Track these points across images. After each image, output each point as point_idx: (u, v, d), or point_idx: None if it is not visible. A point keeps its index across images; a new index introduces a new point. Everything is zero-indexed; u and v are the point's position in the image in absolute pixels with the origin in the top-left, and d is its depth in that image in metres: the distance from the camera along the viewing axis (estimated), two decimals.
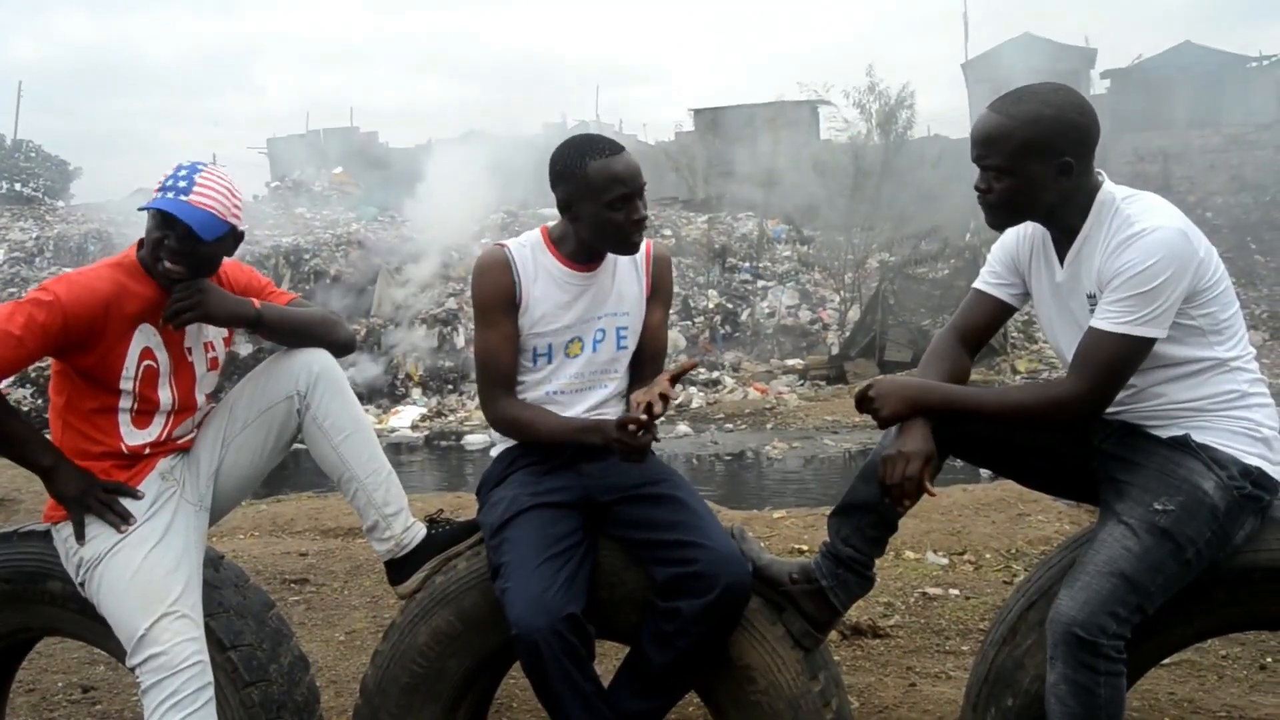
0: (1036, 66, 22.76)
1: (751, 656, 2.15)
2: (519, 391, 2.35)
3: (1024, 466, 2.23)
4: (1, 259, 20.38)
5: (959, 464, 2.56)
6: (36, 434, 2.22)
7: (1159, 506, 1.92)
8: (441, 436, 13.62)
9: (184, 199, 2.11)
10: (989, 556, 4.64)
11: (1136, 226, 1.93)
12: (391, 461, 2.41)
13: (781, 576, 2.18)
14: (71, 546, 2.19)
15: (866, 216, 19.06)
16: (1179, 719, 2.90)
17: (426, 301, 17.42)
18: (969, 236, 17.58)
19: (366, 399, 14.37)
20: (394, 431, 13.73)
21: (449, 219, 18.87)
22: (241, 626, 2.34)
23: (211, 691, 2.11)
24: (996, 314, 2.24)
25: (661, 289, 2.43)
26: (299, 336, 2.34)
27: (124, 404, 2.22)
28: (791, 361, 16.58)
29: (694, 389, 14.66)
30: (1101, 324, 1.95)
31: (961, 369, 2.20)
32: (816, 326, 18.29)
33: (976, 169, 2.05)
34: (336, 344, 2.38)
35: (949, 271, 17.58)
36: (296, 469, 8.34)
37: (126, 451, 2.24)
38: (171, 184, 2.13)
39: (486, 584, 2.17)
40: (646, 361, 2.42)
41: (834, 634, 3.28)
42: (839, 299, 18.63)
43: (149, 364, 2.22)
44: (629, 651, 2.23)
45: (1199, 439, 1.98)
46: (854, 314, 17.65)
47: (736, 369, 16.38)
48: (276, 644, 2.42)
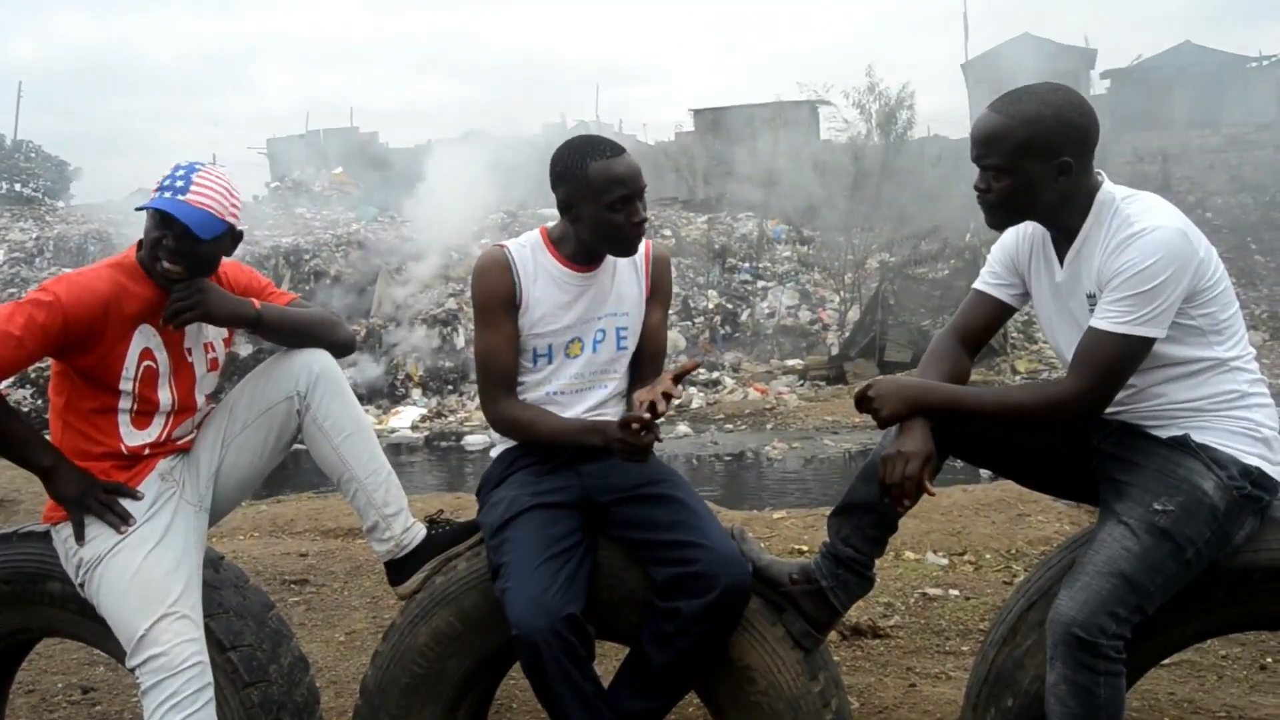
0: (1036, 67, 22.79)
1: (751, 657, 2.15)
2: (519, 392, 2.36)
3: (1024, 467, 2.23)
4: (1, 259, 20.38)
5: (959, 464, 2.55)
6: (36, 434, 2.22)
7: (1159, 507, 1.92)
8: (441, 437, 13.62)
9: (181, 198, 2.11)
10: (989, 557, 4.64)
11: (1136, 226, 1.93)
12: (391, 462, 2.41)
13: (781, 577, 2.18)
14: (71, 547, 2.19)
15: (866, 217, 19.06)
16: (1179, 719, 2.90)
17: (427, 302, 17.42)
18: (969, 237, 17.57)
19: (366, 399, 14.37)
20: (394, 432, 13.73)
21: (449, 219, 18.86)
22: (241, 627, 2.35)
23: (211, 692, 2.11)
24: (996, 314, 2.25)
25: (661, 289, 2.43)
26: (299, 337, 2.34)
27: (124, 404, 2.22)
28: (791, 362, 16.57)
29: (694, 389, 14.66)
30: (1101, 324, 1.95)
31: (961, 369, 2.20)
32: (816, 327, 18.28)
33: (976, 169, 2.05)
34: (336, 344, 2.38)
35: (949, 272, 17.57)
36: (296, 469, 8.34)
37: (126, 452, 2.24)
38: (169, 184, 2.13)
39: (486, 584, 2.17)
40: (646, 362, 2.43)
41: (834, 634, 3.29)
42: (839, 299, 18.62)
43: (149, 364, 2.22)
44: (629, 652, 2.23)
45: (1199, 439, 1.98)
46: (854, 314, 17.65)
47: (736, 369, 16.38)
48: (276, 645, 2.42)
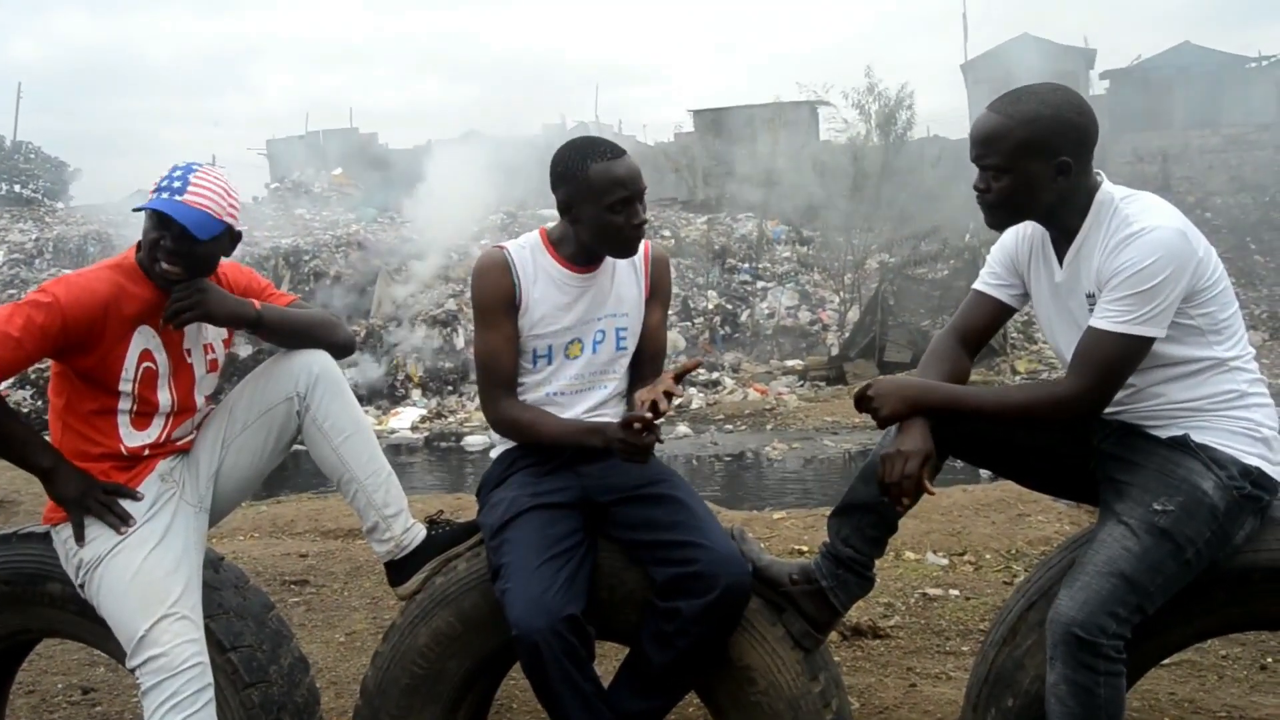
0: (1036, 67, 22.83)
1: (751, 657, 2.15)
2: (519, 393, 2.36)
3: (1024, 467, 2.23)
4: (1, 261, 20.38)
5: (959, 464, 2.55)
6: (36, 436, 2.22)
7: (1158, 507, 1.92)
8: (441, 438, 13.60)
9: (178, 199, 2.11)
10: (989, 557, 4.64)
11: (1135, 226, 1.93)
12: (391, 462, 2.41)
13: (781, 577, 2.18)
14: (71, 548, 2.19)
15: (866, 217, 19.05)
16: (1179, 719, 2.90)
17: (427, 302, 17.42)
18: (968, 237, 17.56)
19: (366, 400, 14.37)
20: (394, 433, 13.72)
21: (448, 220, 18.87)
22: (241, 628, 2.35)
23: (211, 693, 2.11)
24: (996, 315, 2.25)
25: (660, 290, 2.43)
26: (299, 338, 2.34)
27: (123, 405, 2.22)
28: (791, 362, 16.57)
29: (694, 390, 14.65)
30: (1100, 323, 1.95)
31: (961, 370, 2.20)
32: (816, 327, 18.28)
33: (976, 169, 2.05)
34: (336, 345, 2.38)
35: (948, 272, 17.56)
36: (296, 470, 8.35)
37: (126, 453, 2.24)
38: (166, 184, 2.13)
39: (486, 585, 2.17)
40: (646, 362, 2.43)
41: (834, 635, 3.28)
42: (839, 300, 18.61)
43: (148, 366, 2.22)
44: (629, 652, 2.23)
45: (1198, 439, 1.98)
46: (854, 315, 17.64)
47: (736, 370, 16.37)
48: (276, 645, 2.42)
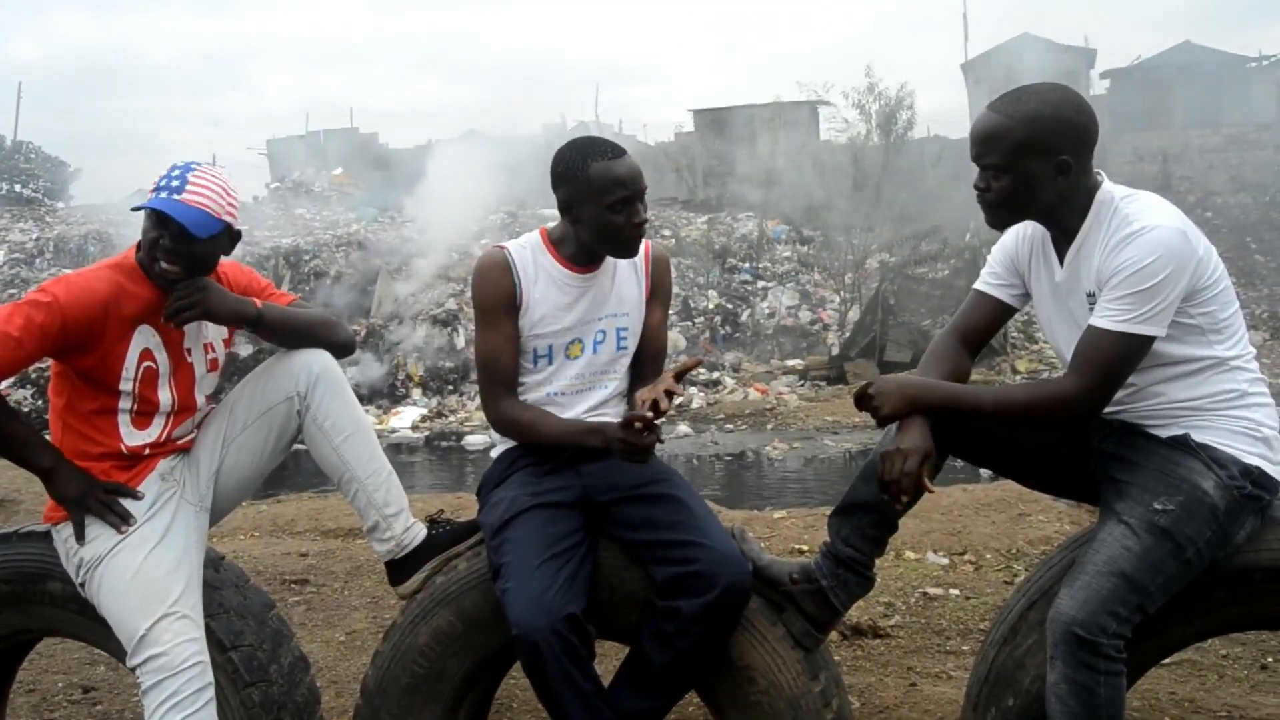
0: (1036, 66, 22.81)
1: (752, 657, 2.15)
2: (520, 393, 2.36)
3: (1024, 466, 2.23)
4: (1, 260, 20.38)
5: (959, 464, 2.55)
6: (36, 435, 2.22)
7: (1159, 506, 1.92)
8: (442, 437, 13.60)
9: (177, 198, 2.11)
10: (989, 556, 4.64)
11: (1135, 225, 1.93)
12: (392, 462, 2.41)
13: (782, 576, 2.18)
14: (72, 547, 2.20)
15: (866, 217, 19.06)
16: (1179, 719, 2.90)
17: (427, 302, 17.42)
18: (969, 237, 17.57)
19: (367, 399, 14.37)
20: (394, 432, 13.71)
21: (449, 219, 18.86)
22: (242, 627, 2.35)
23: (212, 692, 2.11)
24: (997, 315, 2.25)
25: (661, 289, 2.43)
26: (299, 337, 2.34)
27: (123, 405, 2.22)
28: (791, 362, 16.56)
29: (694, 389, 14.65)
30: (1101, 322, 1.95)
31: (962, 369, 2.20)
32: (816, 327, 18.28)
33: (976, 169, 2.05)
34: (337, 345, 2.38)
35: (949, 272, 17.56)
36: (296, 469, 8.34)
37: (126, 452, 2.24)
38: (165, 184, 2.13)
39: (487, 584, 2.17)
40: (646, 362, 2.43)
41: (834, 634, 3.28)
42: (839, 299, 18.62)
43: (148, 365, 2.22)
44: (629, 651, 2.23)
45: (1198, 438, 1.98)
46: (854, 314, 17.64)
47: (737, 369, 16.37)
48: (277, 644, 2.42)
